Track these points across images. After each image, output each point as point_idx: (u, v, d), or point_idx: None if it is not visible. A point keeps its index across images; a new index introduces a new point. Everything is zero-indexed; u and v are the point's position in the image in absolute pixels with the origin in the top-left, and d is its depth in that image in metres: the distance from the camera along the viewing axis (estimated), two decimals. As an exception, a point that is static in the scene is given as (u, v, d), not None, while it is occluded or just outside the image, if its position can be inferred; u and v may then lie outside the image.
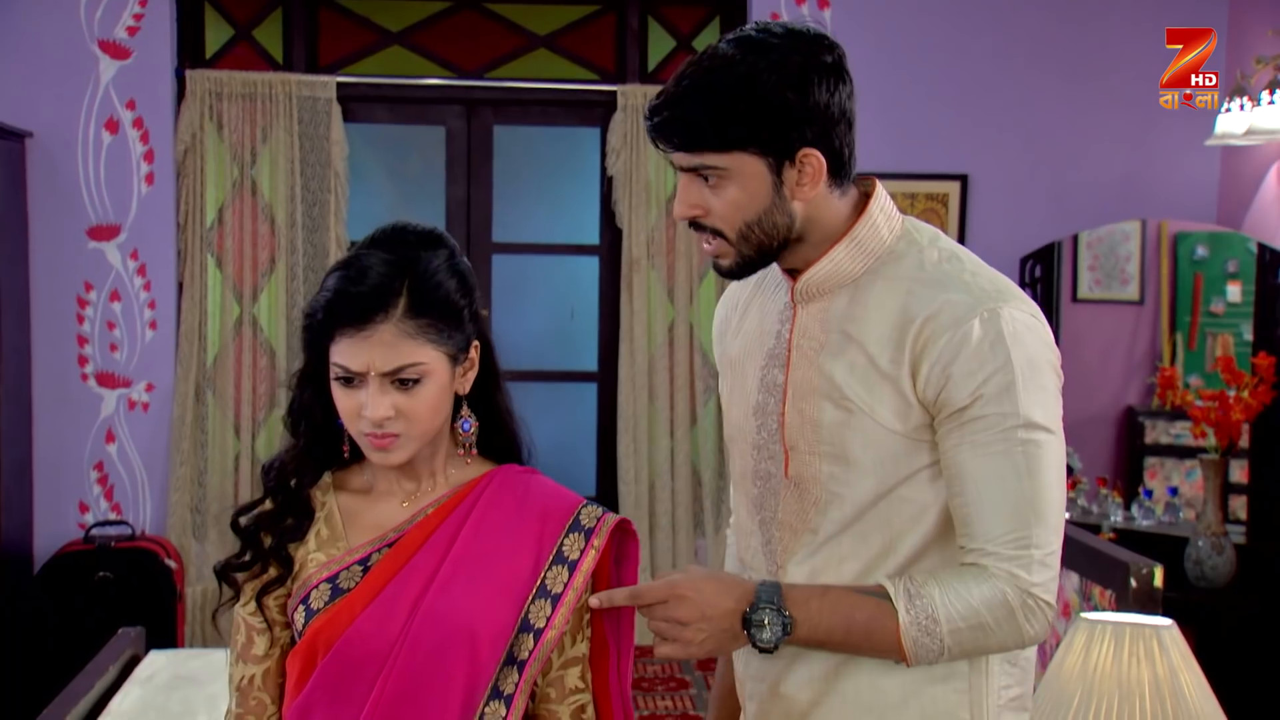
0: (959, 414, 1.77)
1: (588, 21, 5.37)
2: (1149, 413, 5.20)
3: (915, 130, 5.20)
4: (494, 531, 1.75)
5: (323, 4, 5.28)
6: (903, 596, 1.76)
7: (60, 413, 4.99)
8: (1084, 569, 3.24)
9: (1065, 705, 2.58)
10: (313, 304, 1.73)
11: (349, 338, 1.68)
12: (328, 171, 5.07)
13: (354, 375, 1.69)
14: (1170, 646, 2.60)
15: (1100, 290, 5.31)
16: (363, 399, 1.69)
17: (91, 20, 4.96)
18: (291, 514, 1.76)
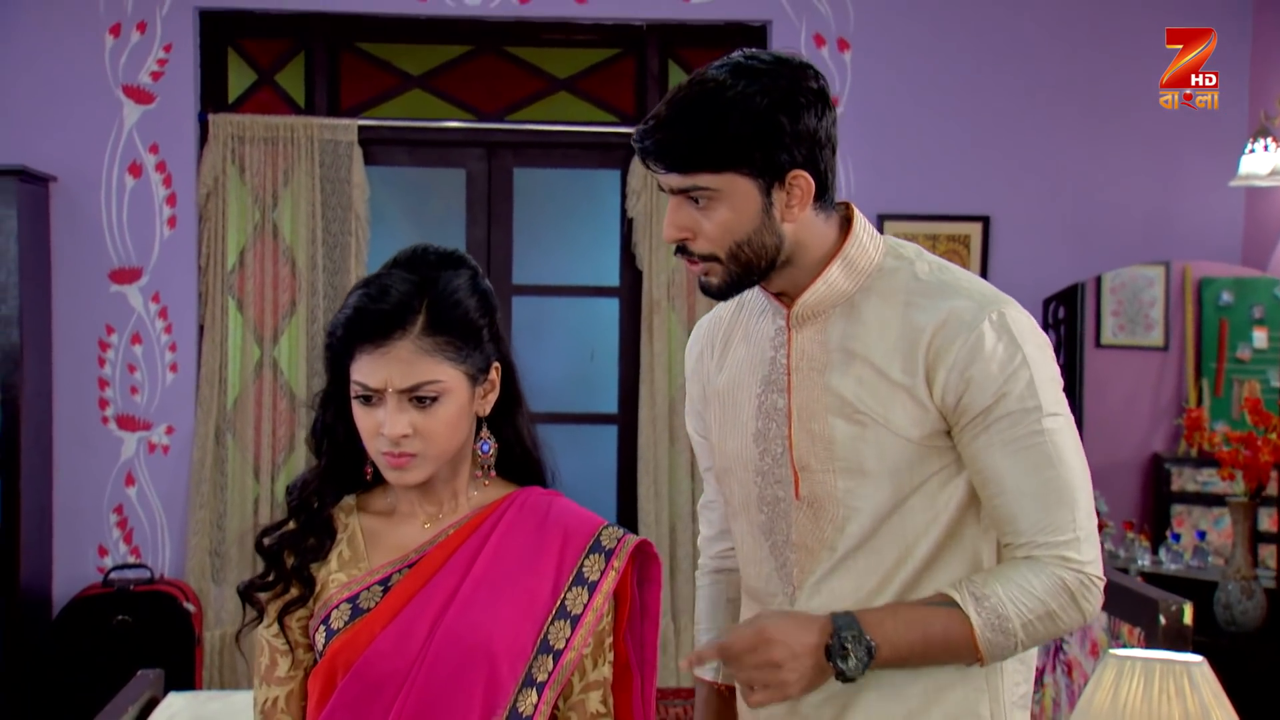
0: (984, 415, 1.82)
1: (608, 65, 5.40)
2: (1175, 459, 5.16)
3: (936, 172, 5.21)
4: (514, 553, 1.76)
5: (344, 48, 5.33)
6: (970, 602, 1.80)
7: (81, 455, 5.00)
8: (1112, 607, 3.20)
9: (1095, 744, 2.55)
10: (334, 321, 1.74)
11: (368, 354, 1.70)
12: (349, 214, 5.09)
13: (373, 393, 1.70)
14: (1201, 683, 2.56)
15: (1124, 336, 5.28)
16: (381, 417, 1.70)
17: (116, 65, 5.00)
18: (313, 534, 1.77)
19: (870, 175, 5.19)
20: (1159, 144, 5.22)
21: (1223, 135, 5.08)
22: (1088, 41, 5.23)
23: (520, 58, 5.39)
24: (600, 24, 5.29)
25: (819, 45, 5.18)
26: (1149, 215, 5.24)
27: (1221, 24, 4.74)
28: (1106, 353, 5.26)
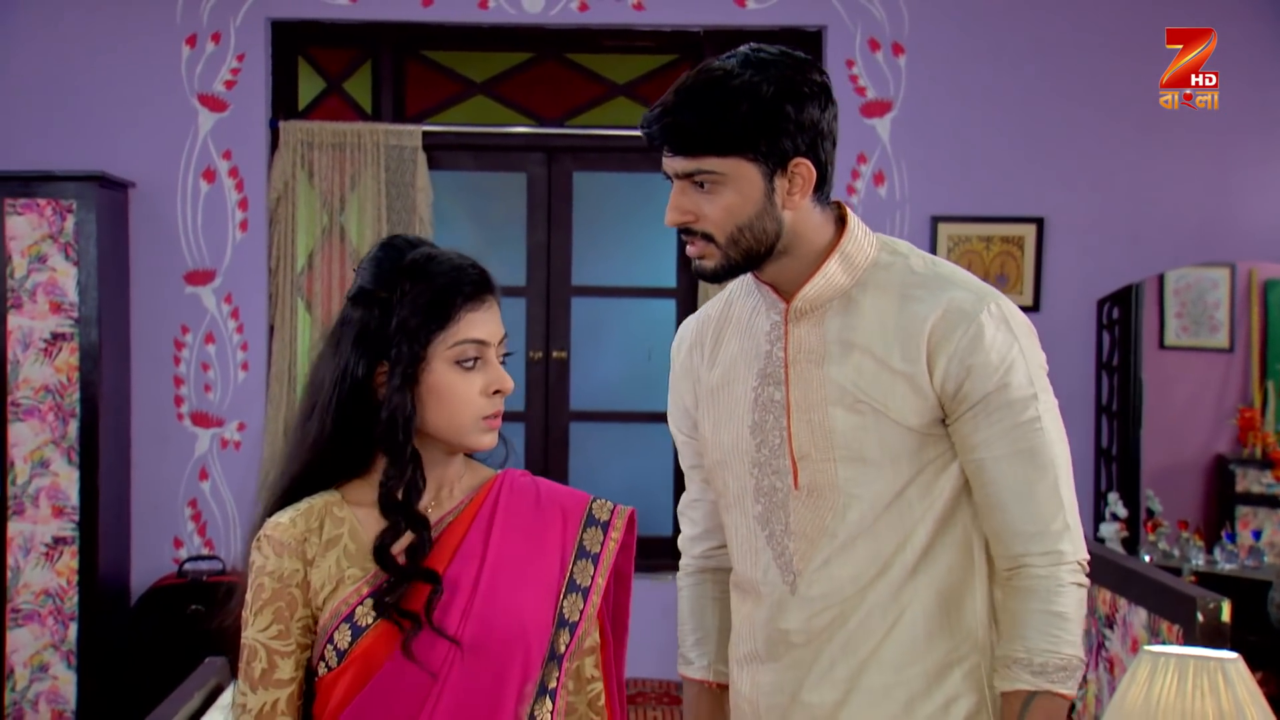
0: (984, 403, 1.90)
1: (665, 70, 5.42)
2: (1240, 461, 5.12)
3: (990, 174, 5.19)
4: (521, 533, 1.79)
5: (410, 56, 5.41)
6: (1041, 679, 1.91)
7: (157, 451, 5.11)
8: (1152, 604, 3.20)
9: (1128, 738, 2.56)
10: (430, 291, 1.71)
11: (474, 312, 1.72)
12: (413, 217, 5.16)
13: (482, 350, 1.72)
14: (1236, 680, 2.56)
15: (1188, 337, 5.24)
16: (485, 378, 1.73)
17: (192, 75, 5.12)
18: (422, 528, 1.75)
19: (924, 178, 5.19)
20: (1213, 144, 5.17)
21: (1278, 135, 5.03)
22: (1140, 43, 5.19)
23: (580, 64, 5.43)
24: (658, 30, 5.33)
25: (874, 50, 5.19)
26: (1203, 216, 5.19)
27: (1277, 25, 4.73)
28: (1170, 354, 5.23)
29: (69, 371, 4.68)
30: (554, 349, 5.35)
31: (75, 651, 4.69)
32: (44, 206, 4.67)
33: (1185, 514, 5.07)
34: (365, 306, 1.74)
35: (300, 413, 1.81)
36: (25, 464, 4.67)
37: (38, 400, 4.67)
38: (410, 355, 1.71)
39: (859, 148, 5.19)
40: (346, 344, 1.74)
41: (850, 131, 5.17)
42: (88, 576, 4.70)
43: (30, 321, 4.67)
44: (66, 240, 4.67)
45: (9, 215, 4.66)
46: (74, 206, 4.68)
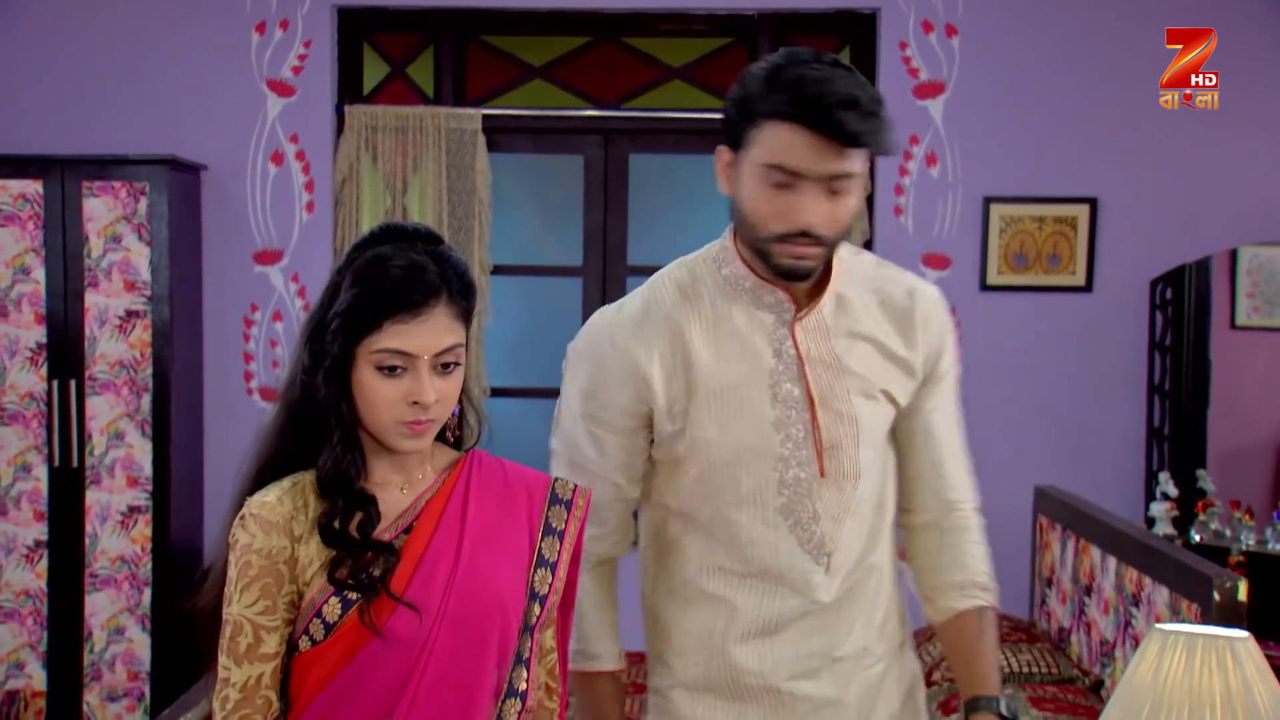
0: (945, 376, 2.17)
1: (720, 53, 5.46)
2: (1313, 442, 5.08)
3: (1043, 154, 5.17)
4: (493, 510, 1.83)
5: (470, 41, 5.49)
6: (987, 594, 2.21)
7: (227, 425, 5.24)
8: (1173, 583, 3.22)
9: (1135, 714, 2.58)
10: (356, 297, 1.73)
11: (403, 324, 1.72)
12: (473, 199, 5.24)
13: (405, 361, 1.73)
14: (1245, 659, 2.57)
15: (1260, 317, 5.19)
16: (406, 386, 1.73)
17: (261, 61, 5.24)
18: (365, 506, 1.78)
19: (977, 158, 5.19)
20: (1265, 124, 5.10)
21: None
22: (1191, 22, 5.13)
23: (636, 48, 5.48)
24: (714, 14, 5.36)
25: (927, 32, 5.19)
26: (1256, 196, 5.13)
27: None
28: (1240, 334, 5.18)
29: (142, 347, 4.83)
30: (611, 327, 5.42)
31: (149, 615, 4.85)
32: (119, 189, 4.82)
33: (1252, 496, 5.02)
34: (324, 294, 1.79)
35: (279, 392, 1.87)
36: (102, 436, 4.84)
37: (113, 375, 4.84)
38: (337, 352, 1.75)
39: (912, 129, 5.20)
40: (304, 329, 1.80)
41: (903, 113, 5.18)
42: (161, 544, 4.84)
43: (106, 299, 4.83)
44: (140, 221, 4.82)
45: (86, 197, 4.82)
46: (147, 189, 4.82)
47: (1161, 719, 2.53)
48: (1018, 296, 5.19)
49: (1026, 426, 5.18)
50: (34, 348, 4.83)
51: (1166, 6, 5.09)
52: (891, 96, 5.15)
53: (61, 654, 4.84)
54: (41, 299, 4.82)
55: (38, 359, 4.83)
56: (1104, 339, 5.18)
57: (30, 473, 4.84)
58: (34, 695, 4.84)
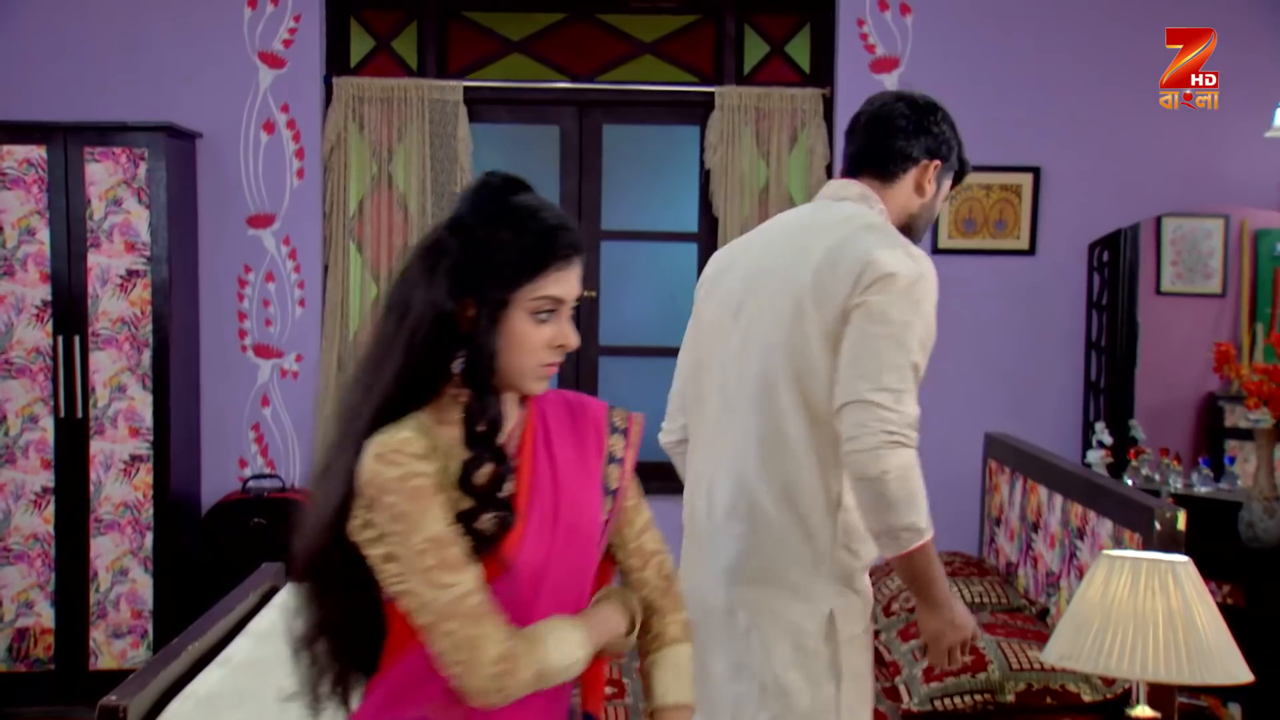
0: None
1: (688, 30, 5.47)
2: (1229, 398, 5.15)
3: (991, 126, 5.20)
4: (570, 442, 1.82)
5: (452, 17, 5.46)
6: None
7: (223, 380, 5.24)
8: (1117, 516, 3.28)
9: (1085, 632, 2.64)
10: (524, 246, 1.68)
11: (560, 271, 1.70)
12: (455, 167, 5.23)
13: (557, 306, 1.71)
14: (1185, 581, 2.64)
15: (1182, 284, 5.26)
16: (551, 331, 1.72)
17: (253, 34, 5.20)
18: (502, 462, 1.73)
19: (928, 129, 5.22)
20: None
21: (1260, 89, 5.02)
22: (1129, 6, 5.20)
23: (609, 24, 5.47)
24: (682, -8, 5.38)
25: (883, 10, 5.22)
26: (1189, 165, 5.20)
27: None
28: (1165, 299, 5.25)
29: (143, 305, 4.80)
30: (585, 289, 5.43)
31: (151, 558, 4.84)
32: (119, 154, 4.78)
33: (1177, 446, 5.11)
34: (462, 240, 1.70)
35: (380, 334, 1.74)
36: (105, 389, 4.81)
37: (115, 331, 4.81)
38: (498, 300, 1.69)
39: (867, 101, 5.22)
40: (442, 274, 1.69)
41: (860, 86, 5.20)
42: (161, 491, 4.83)
43: (108, 259, 4.79)
44: (139, 185, 4.78)
45: (88, 162, 4.77)
46: (146, 155, 4.78)
47: (1109, 636, 2.60)
48: (967, 259, 5.25)
49: (976, 379, 5.25)
50: (39, 305, 4.79)
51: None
52: (849, 71, 5.21)
53: (68, 594, 4.82)
54: (46, 259, 4.78)
55: (43, 316, 4.79)
56: (1046, 299, 5.25)
57: (37, 423, 4.80)
58: (43, 632, 4.83)
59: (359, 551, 1.70)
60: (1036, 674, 3.24)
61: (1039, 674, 3.24)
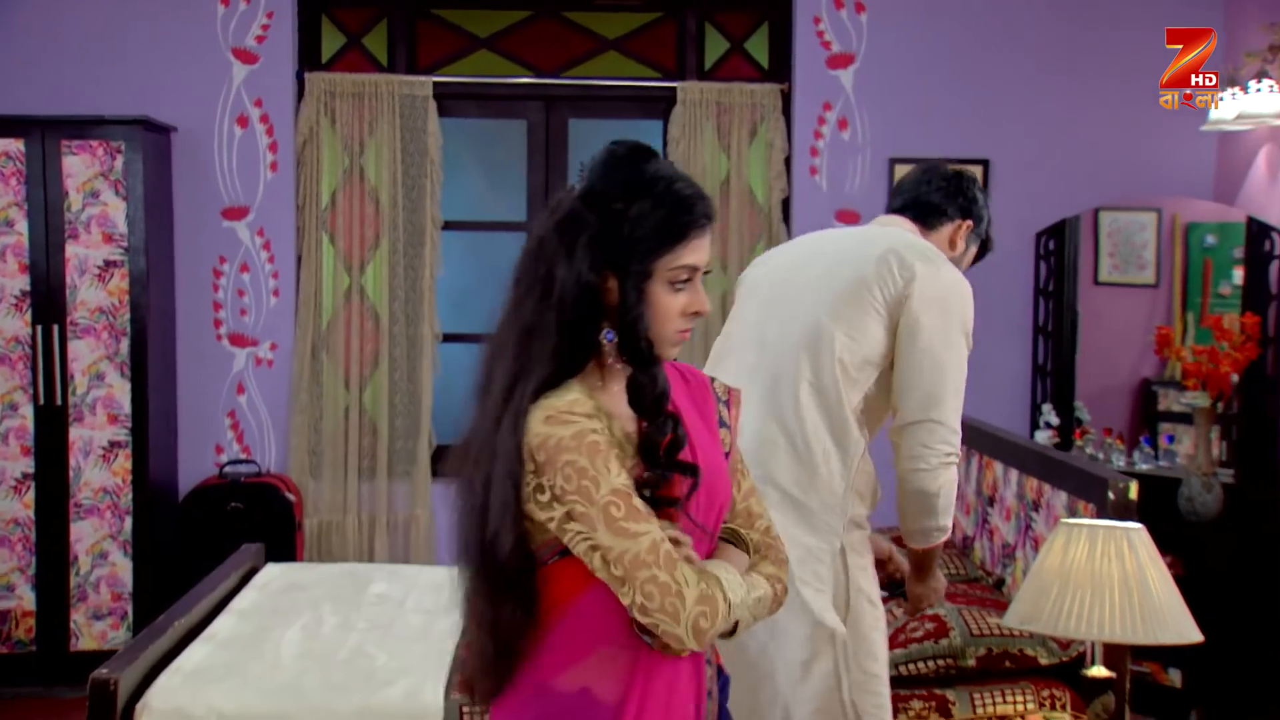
0: None
1: (651, 27, 5.48)
2: (1162, 383, 5.25)
3: (942, 119, 5.28)
4: (691, 408, 1.80)
5: (422, 14, 5.44)
6: None
7: (199, 368, 5.20)
8: (1071, 487, 3.34)
9: (1045, 596, 2.69)
10: (666, 217, 1.66)
11: (697, 239, 1.69)
12: (425, 160, 5.22)
13: (692, 274, 1.70)
14: (1139, 546, 2.69)
15: (1119, 274, 5.34)
16: (686, 299, 1.70)
17: (226, 31, 5.16)
18: (676, 428, 1.71)
19: (883, 123, 5.28)
20: (1138, 93, 5.24)
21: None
22: (1077, 1, 5.27)
23: (575, 21, 5.47)
24: (645, -9, 5.40)
25: (838, 8, 5.26)
26: (1130, 157, 5.29)
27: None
28: (1103, 289, 5.33)
29: (120, 295, 4.75)
30: (552, 278, 5.44)
31: (130, 541, 4.79)
32: (96, 147, 4.73)
33: (1116, 428, 5.20)
34: (599, 212, 1.67)
35: (522, 310, 1.69)
36: (84, 376, 4.76)
37: (93, 320, 4.76)
38: (641, 272, 1.66)
39: (825, 96, 5.27)
40: (582, 248, 1.66)
41: (817, 82, 5.26)
42: (140, 476, 4.79)
43: (85, 250, 4.74)
44: (116, 177, 4.74)
45: (65, 155, 4.72)
46: (122, 147, 4.73)
47: (1069, 599, 2.65)
48: (919, 248, 5.30)
49: (929, 362, 5.29)
50: (19, 295, 4.73)
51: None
52: (806, 67, 5.25)
53: (49, 577, 4.77)
54: (25, 250, 4.72)
55: (22, 305, 4.73)
56: (995, 285, 5.30)
57: (17, 411, 4.75)
58: (24, 614, 4.77)
59: (525, 522, 1.65)
60: (996, 639, 3.29)
61: (998, 639, 3.29)
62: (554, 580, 1.68)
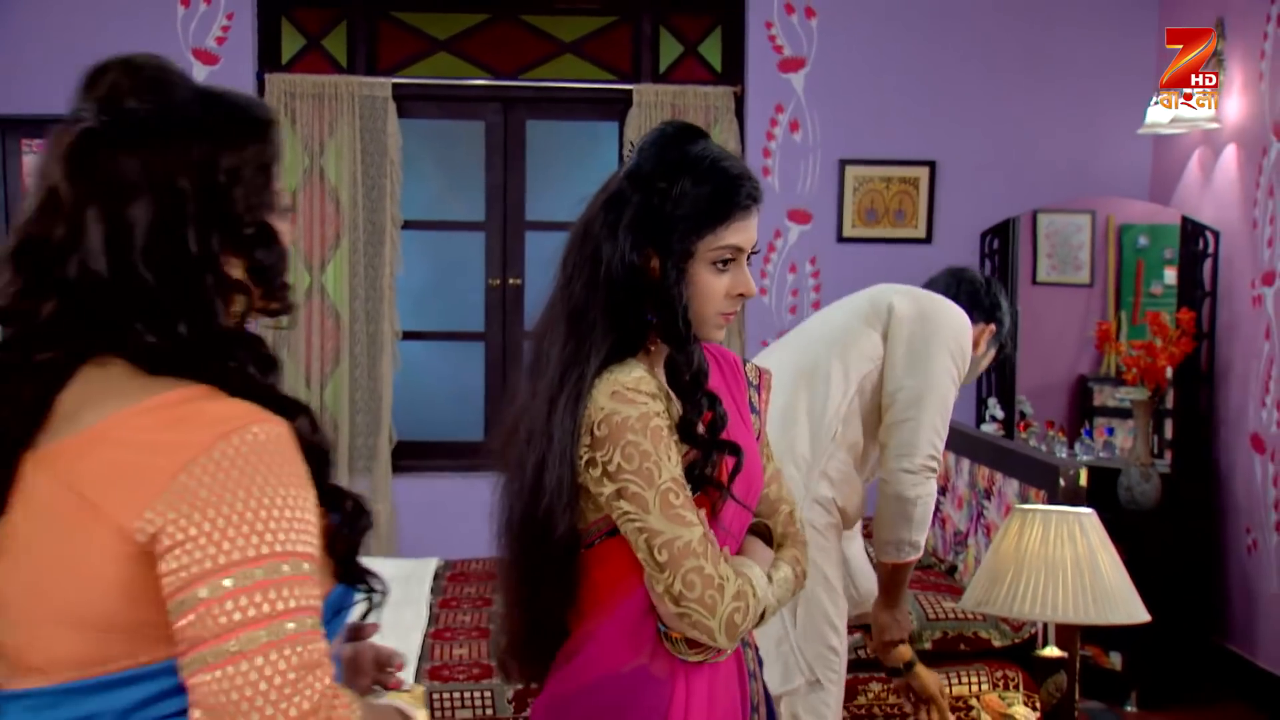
0: None
1: (607, 30, 5.50)
2: (1098, 379, 5.36)
3: (890, 123, 5.34)
4: (725, 390, 1.78)
5: (381, 16, 5.42)
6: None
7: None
8: (1022, 475, 3.41)
9: (1000, 580, 2.75)
10: (709, 196, 1.63)
11: (741, 220, 1.64)
12: (384, 160, 5.20)
13: (736, 256, 1.66)
14: (1090, 530, 2.77)
15: (1056, 274, 5.44)
16: (729, 280, 1.66)
17: (187, 32, 5.12)
18: (715, 406, 1.68)
19: (833, 126, 5.34)
20: (1079, 98, 5.36)
21: (1132, 89, 5.21)
22: (1022, 8, 5.36)
23: (532, 24, 5.47)
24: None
25: (789, 13, 5.31)
26: (1072, 159, 5.38)
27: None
28: (1041, 289, 5.43)
29: (82, 293, 4.70)
30: (510, 276, 5.46)
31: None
32: (56, 146, 4.68)
33: (1052, 419, 5.30)
34: (643, 191, 1.64)
35: (571, 288, 1.67)
36: (44, 375, 4.70)
37: (54, 319, 4.70)
38: (683, 251, 1.62)
39: (776, 99, 5.33)
40: (625, 227, 1.63)
41: (769, 84, 5.32)
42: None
43: (46, 249, 4.69)
44: (77, 177, 4.68)
45: (25, 154, 4.68)
46: (83, 147, 4.68)
47: (1023, 582, 2.72)
48: (869, 247, 5.38)
49: (879, 358, 5.36)
50: (-21, 293, 4.67)
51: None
52: (758, 70, 5.31)
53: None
54: (-15, 248, 4.66)
55: (-17, 304, 4.67)
56: (941, 283, 5.40)
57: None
58: None
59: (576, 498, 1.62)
60: (951, 623, 3.36)
61: (953, 623, 3.36)
62: (603, 563, 1.66)
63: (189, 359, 1.18)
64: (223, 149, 1.22)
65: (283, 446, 1.16)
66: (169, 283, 1.18)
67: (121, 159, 1.18)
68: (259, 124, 1.27)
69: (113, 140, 1.19)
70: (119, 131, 1.20)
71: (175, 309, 1.18)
